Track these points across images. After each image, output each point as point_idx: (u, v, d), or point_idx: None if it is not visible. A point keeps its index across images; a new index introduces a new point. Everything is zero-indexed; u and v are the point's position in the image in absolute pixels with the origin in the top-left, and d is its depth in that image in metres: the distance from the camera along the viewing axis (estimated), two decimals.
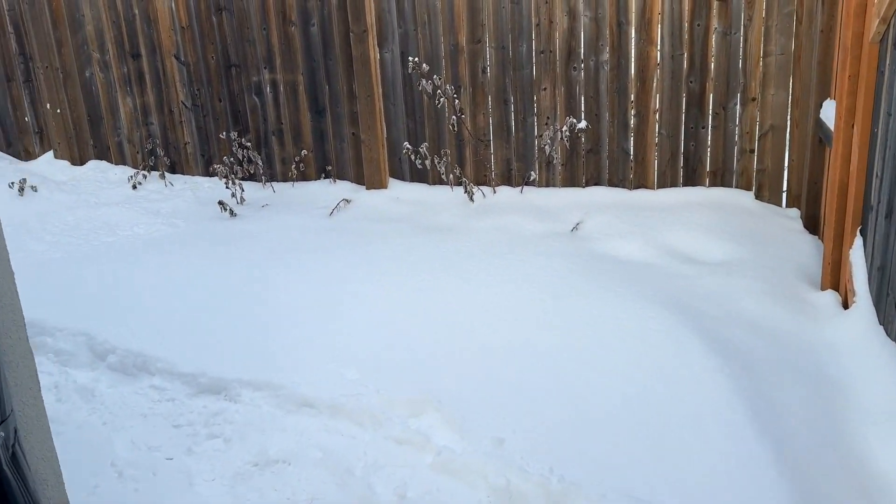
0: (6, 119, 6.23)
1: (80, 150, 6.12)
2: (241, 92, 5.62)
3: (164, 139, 5.93)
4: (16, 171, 5.80)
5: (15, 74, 6.08)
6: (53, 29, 5.81)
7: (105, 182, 5.87)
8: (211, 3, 5.46)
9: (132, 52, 5.75)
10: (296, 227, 4.82)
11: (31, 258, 4.42)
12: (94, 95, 5.95)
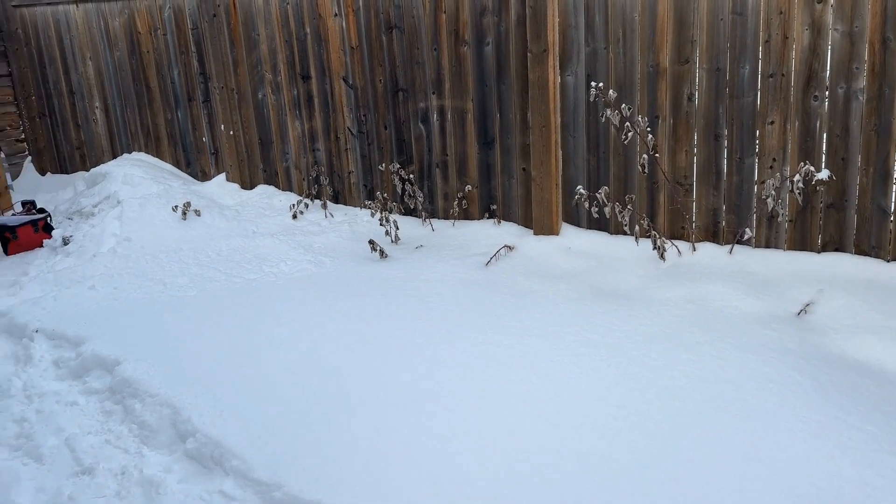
0: (186, 138, 6.26)
1: (250, 173, 5.96)
2: (406, 119, 5.08)
3: (328, 166, 5.56)
4: (187, 192, 5.74)
5: (195, 94, 6.07)
6: (231, 48, 5.68)
7: (269, 209, 5.62)
8: (382, 21, 4.97)
9: (302, 74, 5.45)
10: (446, 277, 4.13)
11: (166, 294, 4.16)
12: (265, 118, 5.75)
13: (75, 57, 6.65)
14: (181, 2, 5.85)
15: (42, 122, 7.12)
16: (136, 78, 6.35)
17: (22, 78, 7.00)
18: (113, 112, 6.61)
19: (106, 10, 6.29)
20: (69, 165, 7.12)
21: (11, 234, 5.30)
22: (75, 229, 5.43)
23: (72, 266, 4.75)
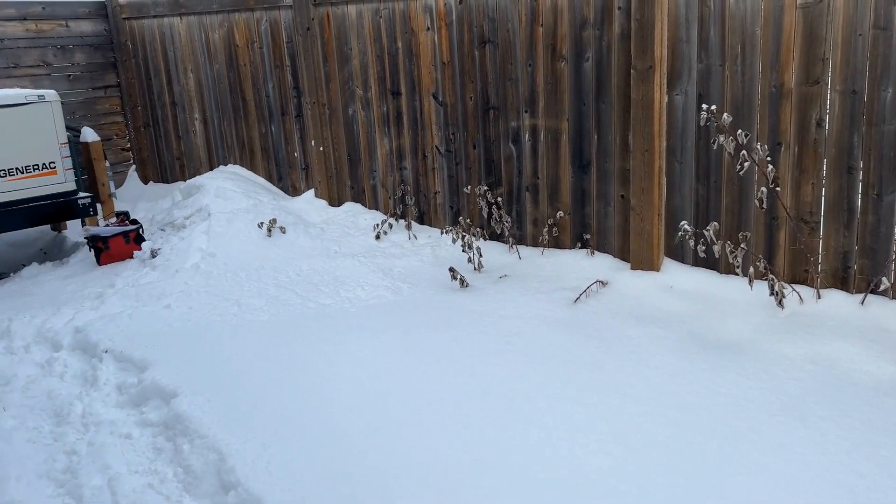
0: (279, 152, 6.21)
1: (338, 190, 5.82)
2: (496, 138, 4.77)
3: (415, 186, 5.33)
4: (275, 208, 5.67)
5: (289, 108, 6.00)
6: (323, 63, 5.57)
7: (353, 228, 5.45)
8: (475, 36, 4.69)
9: (392, 90, 5.25)
10: (529, 313, 3.78)
11: (239, 317, 4.03)
12: (354, 134, 5.59)
13: (178, 69, 6.77)
14: (277, 15, 5.80)
15: (146, 132, 7.31)
16: (233, 91, 6.37)
17: (129, 88, 7.21)
18: (211, 124, 6.68)
19: (207, 23, 6.36)
20: (170, 175, 7.27)
21: (104, 244, 5.38)
22: (165, 242, 5.46)
23: (154, 281, 4.74)
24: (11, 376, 3.55)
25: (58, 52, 6.80)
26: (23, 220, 5.68)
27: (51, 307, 4.53)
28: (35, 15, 6.56)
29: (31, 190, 5.64)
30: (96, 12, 6.97)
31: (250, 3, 5.89)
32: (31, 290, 5.00)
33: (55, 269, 5.57)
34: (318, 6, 5.45)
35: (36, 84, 6.65)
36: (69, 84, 6.91)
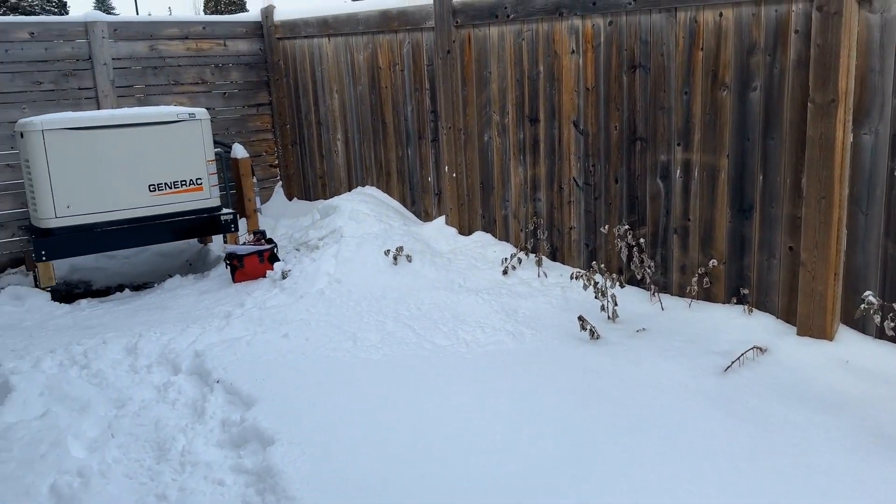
0: (414, 176, 6.06)
1: (469, 218, 5.56)
2: (642, 173, 4.29)
3: (548, 219, 4.95)
4: (404, 234, 5.51)
5: (425, 132, 5.83)
6: (461, 86, 5.34)
7: (481, 260, 5.16)
8: (624, 60, 4.26)
9: (530, 117, 4.91)
10: (669, 381, 3.29)
11: (352, 354, 3.85)
12: (488, 161, 5.31)
13: (324, 89, 6.83)
14: (419, 37, 5.66)
15: (293, 150, 7.46)
16: (374, 113, 6.32)
17: (279, 107, 7.40)
18: (352, 145, 6.67)
19: (353, 44, 6.35)
20: (312, 193, 7.36)
21: (239, 262, 5.46)
22: (297, 263, 5.45)
23: (279, 305, 4.70)
24: (127, 399, 3.57)
25: (215, 70, 7.09)
26: (169, 233, 5.91)
27: (181, 324, 4.60)
28: (196, 34, 6.88)
29: (177, 205, 5.86)
30: (252, 32, 7.21)
31: (394, 24, 5.79)
32: (168, 304, 5.14)
33: (195, 282, 5.74)
34: (460, 28, 5.23)
35: (193, 101, 6.96)
36: (224, 101, 7.19)
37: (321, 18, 6.56)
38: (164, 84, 6.81)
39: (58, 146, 5.30)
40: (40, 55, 6.15)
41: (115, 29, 6.46)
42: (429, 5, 5.41)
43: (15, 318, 4.97)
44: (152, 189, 5.72)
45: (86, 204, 5.46)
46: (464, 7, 5.15)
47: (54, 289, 5.52)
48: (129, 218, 5.65)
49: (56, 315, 5.09)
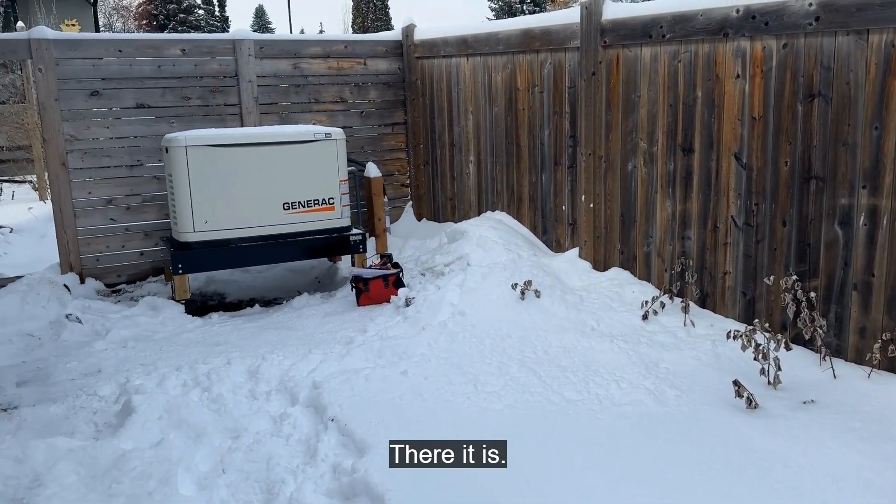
0: (547, 204, 5.71)
1: (605, 252, 5.15)
2: (816, 217, 3.73)
3: (699, 261, 4.45)
4: (533, 265, 5.17)
5: (562, 158, 5.48)
6: (606, 111, 4.95)
7: (617, 300, 4.73)
8: (800, 87, 3.72)
9: (683, 146, 4.45)
10: (845, 472, 2.76)
11: (471, 401, 3.56)
12: (631, 192, 4.88)
13: (459, 110, 6.65)
14: (562, 57, 5.32)
15: (425, 171, 7.34)
16: (508, 135, 6.04)
17: (414, 127, 7.30)
18: (484, 168, 6.44)
19: (491, 64, 6.12)
20: (441, 215, 7.20)
21: (364, 286, 5.34)
22: (422, 289, 5.25)
23: (400, 336, 4.51)
24: (243, 430, 3.47)
25: (354, 89, 7.10)
26: (299, 251, 5.91)
27: (303, 347, 4.52)
28: (337, 53, 6.91)
29: (309, 223, 5.85)
30: (392, 51, 7.16)
31: (536, 44, 5.50)
32: (294, 325, 5.10)
33: (321, 302, 5.69)
34: (608, 48, 4.86)
35: (331, 119, 6.99)
36: (361, 120, 7.18)
37: (460, 38, 6.39)
38: (304, 102, 6.88)
39: (199, 162, 5.42)
40: (190, 71, 6.38)
41: (261, 47, 6.60)
42: (574, 24, 5.07)
43: (149, 329, 5.10)
44: (286, 207, 5.74)
45: (223, 220, 5.56)
46: (613, 26, 4.77)
47: (188, 301, 5.65)
48: (262, 235, 5.70)
49: (187, 328, 5.18)
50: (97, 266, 6.28)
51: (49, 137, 5.94)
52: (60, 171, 6.01)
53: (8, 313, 5.11)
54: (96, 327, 5.05)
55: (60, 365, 4.43)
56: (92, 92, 6.06)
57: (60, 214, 6.06)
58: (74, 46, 5.92)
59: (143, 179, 6.35)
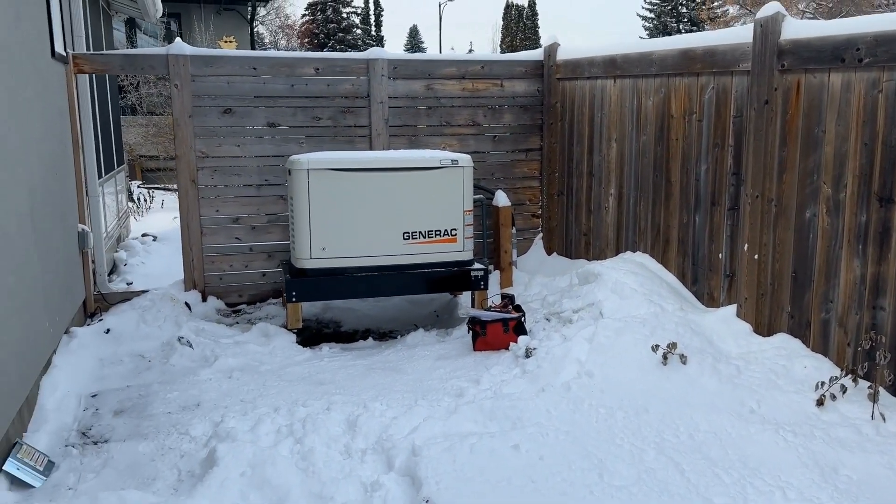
0: (699, 249, 4.94)
1: (770, 314, 4.32)
2: None
3: (893, 338, 3.57)
4: (679, 322, 4.44)
5: (721, 198, 4.71)
6: (779, 146, 4.16)
7: (783, 376, 3.91)
8: None
9: (881, 195, 3.59)
10: None
11: (595, 496, 2.94)
12: (808, 246, 4.05)
13: (601, 137, 6.01)
14: (728, 82, 4.58)
15: (558, 201, 6.75)
16: (657, 168, 5.34)
17: (550, 153, 6.74)
18: (626, 202, 5.75)
19: (641, 87, 5.45)
20: (573, 250, 6.57)
21: (482, 329, 4.84)
22: (545, 338, 4.67)
23: (516, 395, 3.96)
24: (329, 498, 3.06)
25: (488, 112, 6.65)
26: (416, 285, 5.53)
27: (410, 396, 4.10)
28: (473, 74, 6.50)
29: (429, 255, 5.45)
30: (532, 72, 6.66)
31: (696, 66, 4.78)
32: (403, 367, 4.69)
33: (436, 342, 5.26)
34: (786, 73, 4.08)
35: (462, 143, 6.59)
36: (493, 145, 6.72)
37: (608, 58, 5.76)
38: (435, 125, 6.52)
39: (320, 186, 5.17)
40: (322, 91, 6.20)
41: (394, 67, 6.31)
42: (745, 44, 4.33)
43: (257, 358, 4.88)
44: (406, 237, 5.37)
45: (341, 247, 5.28)
46: (794, 47, 3.99)
47: (302, 328, 5.41)
48: (379, 265, 5.37)
49: (295, 360, 4.91)
50: (220, 284, 6.22)
51: (181, 154, 5.95)
52: (190, 187, 6.00)
53: (125, 331, 5.08)
54: (206, 353, 4.89)
55: (162, 394, 4.27)
56: (225, 109, 6.02)
57: (187, 231, 6.04)
58: (210, 63, 5.90)
59: (269, 199, 6.23)
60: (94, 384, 4.47)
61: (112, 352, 4.88)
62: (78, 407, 4.14)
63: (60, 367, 4.43)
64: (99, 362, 4.76)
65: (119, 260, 7.95)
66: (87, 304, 5.82)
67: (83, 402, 4.23)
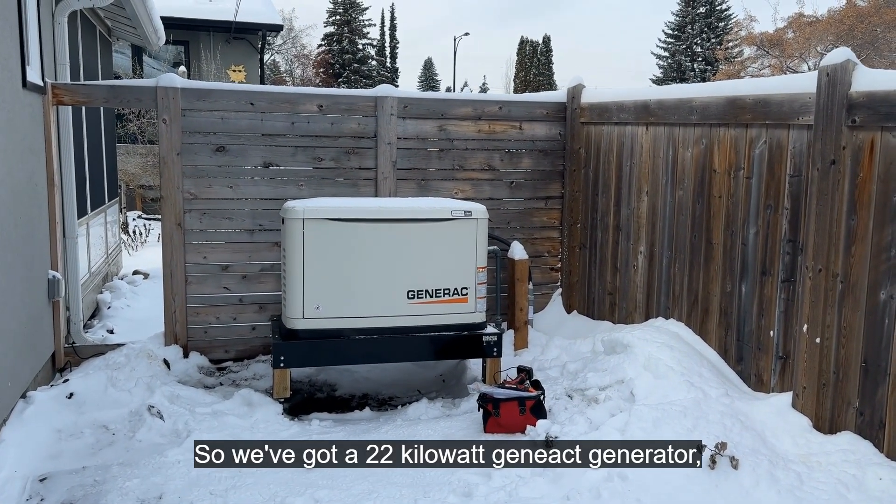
0: (745, 324, 4.33)
1: (833, 409, 3.69)
2: None
3: None
4: (725, 412, 3.81)
5: (773, 267, 4.11)
6: (848, 214, 3.57)
7: (855, 489, 3.26)
8: None
9: None
10: None
11: None
12: (882, 331, 3.43)
13: (630, 188, 5.44)
14: (783, 135, 4.01)
15: (580, 255, 6.16)
16: (695, 227, 4.75)
17: (572, 202, 6.17)
18: (658, 262, 5.16)
19: (678, 137, 4.89)
20: (596, 310, 5.96)
21: (494, 409, 4.23)
22: (567, 422, 4.06)
23: (534, 500, 3.33)
24: None
25: (505, 156, 6.11)
26: (420, 350, 4.93)
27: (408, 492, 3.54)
28: (490, 115, 5.97)
29: (435, 317, 4.86)
30: (554, 115, 6.13)
31: (746, 116, 4.22)
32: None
33: (441, 415, 4.65)
34: (857, 130, 3.50)
35: (476, 189, 6.03)
36: (509, 192, 6.16)
37: (640, 103, 5.22)
38: (447, 168, 5.98)
39: (317, 238, 4.60)
40: (325, 130, 5.67)
41: (404, 105, 5.79)
42: (806, 94, 3.77)
43: (235, 434, 4.26)
44: (410, 296, 4.78)
45: (337, 307, 4.69)
46: (869, 101, 3.42)
47: (293, 393, 4.81)
48: (379, 327, 4.78)
49: (280, 437, 4.29)
50: (204, 338, 5.63)
51: (166, 194, 5.40)
52: (175, 231, 5.45)
53: (90, 396, 4.49)
54: (178, 426, 4.29)
55: (120, 480, 3.66)
56: (218, 147, 5.49)
57: (171, 280, 5.47)
58: (203, 97, 5.39)
59: (263, 245, 5.67)
60: (45, 464, 3.87)
61: (73, 421, 4.28)
62: (20, 495, 3.54)
63: (8, 443, 3.84)
64: (56, 434, 4.15)
65: (102, 302, 7.39)
66: (57, 358, 5.25)
67: (28, 487, 3.62)
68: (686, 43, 45.23)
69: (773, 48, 30.34)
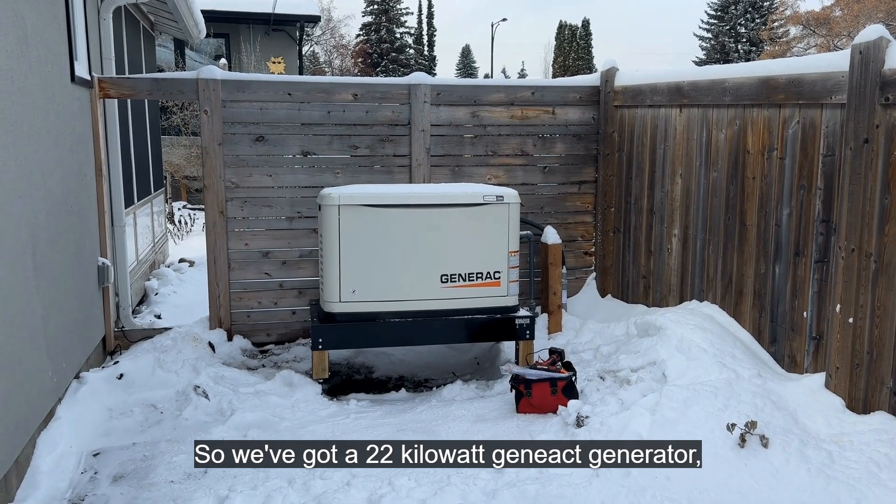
0: (779, 305, 4.31)
1: (866, 388, 3.67)
2: None
3: None
4: (757, 393, 3.82)
5: (807, 248, 4.08)
6: (882, 193, 3.54)
7: (888, 468, 3.25)
8: None
9: None
10: None
11: None
12: None
13: (664, 171, 5.43)
14: (816, 115, 3.98)
15: (614, 239, 6.17)
16: (729, 209, 4.74)
17: (605, 186, 6.18)
18: (692, 245, 5.15)
19: (712, 119, 4.87)
20: (630, 293, 5.97)
21: (526, 389, 4.30)
22: (599, 402, 4.11)
23: (564, 478, 3.40)
24: None
25: (538, 141, 6.14)
26: (454, 333, 5.02)
27: (442, 468, 3.59)
28: (523, 100, 6.01)
29: (468, 300, 4.95)
30: (587, 99, 6.13)
31: (779, 96, 4.19)
32: (437, 430, 4.19)
33: (475, 397, 4.74)
34: (890, 108, 3.46)
35: (509, 175, 6.09)
36: (543, 177, 6.20)
37: (673, 84, 5.20)
38: (480, 155, 6.04)
39: (352, 224, 4.73)
40: (360, 118, 5.79)
41: (438, 93, 5.87)
42: (839, 73, 3.73)
43: (277, 413, 4.43)
44: (444, 280, 4.88)
45: (372, 290, 4.82)
46: None
47: (331, 374, 4.96)
48: (414, 311, 4.89)
49: (319, 416, 4.45)
50: (247, 322, 5.82)
51: (209, 184, 5.59)
52: (218, 219, 5.64)
53: (139, 377, 4.70)
54: (222, 405, 4.47)
55: (168, 456, 3.85)
56: (257, 137, 5.65)
57: (214, 266, 5.67)
58: (242, 88, 5.55)
59: (301, 232, 5.83)
60: (98, 440, 4.09)
61: (123, 401, 4.50)
62: (76, 469, 3.75)
63: (63, 420, 4.07)
64: (107, 413, 4.38)
65: (150, 289, 7.66)
66: (108, 341, 5.50)
67: (83, 462, 3.83)
68: (729, 24, 44.16)
69: (820, 27, 29.49)
